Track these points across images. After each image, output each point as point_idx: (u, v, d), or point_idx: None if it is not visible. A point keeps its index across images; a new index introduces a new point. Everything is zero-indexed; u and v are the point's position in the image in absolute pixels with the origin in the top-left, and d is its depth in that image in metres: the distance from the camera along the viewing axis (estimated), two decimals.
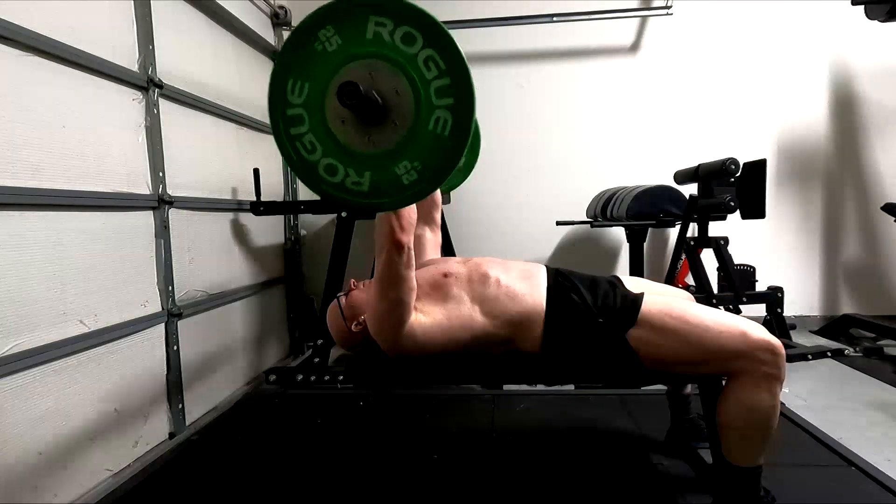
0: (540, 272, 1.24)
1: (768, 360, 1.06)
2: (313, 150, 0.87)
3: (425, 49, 0.79)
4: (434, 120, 0.81)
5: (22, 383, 1.25)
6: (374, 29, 0.80)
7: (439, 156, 0.82)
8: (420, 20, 0.79)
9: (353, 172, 0.86)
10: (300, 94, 0.86)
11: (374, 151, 0.85)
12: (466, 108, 0.80)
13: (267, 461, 1.57)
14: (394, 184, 0.85)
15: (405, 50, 0.80)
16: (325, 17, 0.82)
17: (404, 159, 0.84)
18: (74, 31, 1.45)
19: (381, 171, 0.85)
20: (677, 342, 1.10)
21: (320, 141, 0.86)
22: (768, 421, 1.08)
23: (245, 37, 2.54)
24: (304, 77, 0.85)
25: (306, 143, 0.87)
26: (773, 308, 2.33)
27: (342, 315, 1.28)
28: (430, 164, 0.83)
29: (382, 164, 0.85)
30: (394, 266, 1.01)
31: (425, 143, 0.82)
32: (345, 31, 0.82)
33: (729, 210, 2.08)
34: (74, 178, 1.43)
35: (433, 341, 1.14)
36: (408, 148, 0.83)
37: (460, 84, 0.80)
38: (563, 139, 3.02)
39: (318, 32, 0.82)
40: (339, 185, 0.87)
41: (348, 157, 0.86)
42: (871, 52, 2.86)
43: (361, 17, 0.80)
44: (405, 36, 0.80)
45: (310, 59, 0.84)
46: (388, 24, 0.80)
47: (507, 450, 1.60)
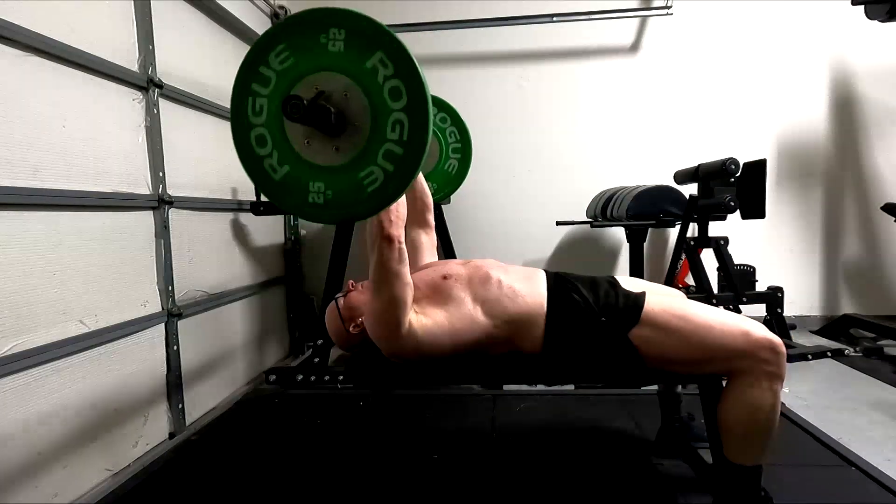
0: (539, 274, 1.25)
1: (770, 359, 1.06)
2: (258, 114, 0.88)
3: (402, 112, 0.81)
4: (367, 172, 0.83)
5: (22, 383, 1.25)
6: (375, 63, 0.82)
7: (349, 203, 0.84)
8: (416, 87, 0.80)
9: (277, 156, 0.87)
10: (282, 62, 0.87)
11: (304, 155, 0.86)
12: (397, 187, 0.82)
13: (267, 461, 1.57)
14: (300, 192, 0.86)
15: (388, 100, 0.82)
16: (346, 21, 0.83)
17: (321, 181, 0.85)
18: (74, 31, 1.45)
19: (298, 173, 0.86)
20: (680, 341, 1.10)
21: (268, 111, 0.87)
22: (769, 420, 1.08)
23: (245, 37, 2.54)
24: (293, 50, 0.86)
25: (257, 103, 0.88)
26: (773, 308, 2.33)
27: (340, 316, 1.28)
28: (339, 202, 0.84)
29: (304, 170, 0.86)
30: (386, 261, 1.00)
31: (348, 183, 0.84)
32: (353, 44, 0.83)
33: (729, 210, 2.07)
34: (74, 178, 1.43)
35: (435, 343, 1.13)
36: (332, 176, 0.85)
37: (408, 167, 0.81)
38: (563, 139, 3.02)
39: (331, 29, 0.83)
40: (260, 158, 0.88)
41: (281, 142, 0.87)
42: (871, 52, 2.86)
43: (375, 46, 0.81)
44: (394, 90, 0.81)
45: (310, 41, 0.85)
46: (389, 68, 0.81)
47: (507, 450, 1.60)
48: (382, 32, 0.82)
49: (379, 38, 0.82)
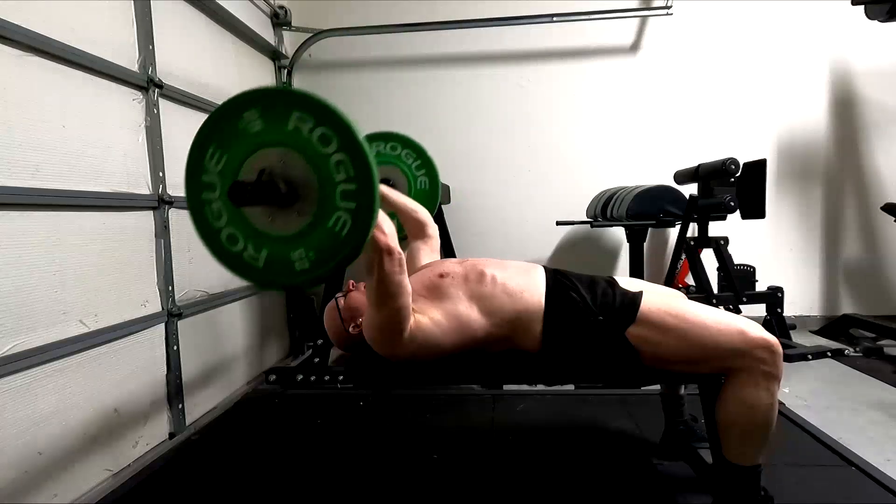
0: (537, 271, 1.24)
1: (766, 358, 1.07)
2: (219, 218, 0.91)
3: (339, 153, 0.83)
4: (335, 218, 0.84)
5: (22, 383, 1.25)
6: (295, 122, 0.84)
7: (333, 252, 0.85)
8: (339, 125, 0.83)
9: (252, 247, 0.90)
10: (218, 162, 0.90)
11: (275, 233, 0.89)
12: (366, 215, 0.83)
13: (267, 461, 1.57)
14: (287, 267, 0.88)
15: (320, 148, 0.84)
16: (253, 100, 0.87)
17: (301, 247, 0.87)
18: (74, 31, 1.45)
19: (277, 252, 0.88)
20: (676, 340, 1.11)
21: (227, 211, 0.90)
22: (767, 419, 1.08)
23: (245, 37, 2.54)
24: (223, 147, 0.90)
25: (215, 210, 0.91)
26: (773, 308, 2.34)
27: (340, 316, 1.28)
28: (324, 257, 0.86)
29: (280, 246, 0.88)
30: (390, 274, 1.00)
31: (322, 237, 0.85)
32: (268, 116, 0.86)
33: (729, 210, 2.08)
34: (74, 178, 1.43)
35: (433, 342, 1.13)
36: (306, 238, 0.86)
37: (364, 193, 0.83)
38: (563, 139, 3.02)
39: (244, 113, 0.87)
40: (237, 255, 0.91)
41: (251, 232, 0.90)
42: (871, 52, 2.86)
43: (286, 108, 0.85)
44: (322, 136, 0.83)
45: (232, 134, 0.88)
46: (308, 120, 0.84)
47: (506, 450, 1.59)
48: (289, 94, 0.87)
49: (289, 99, 0.85)
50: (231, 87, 2.37)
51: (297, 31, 2.97)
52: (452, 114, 3.05)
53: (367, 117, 3.07)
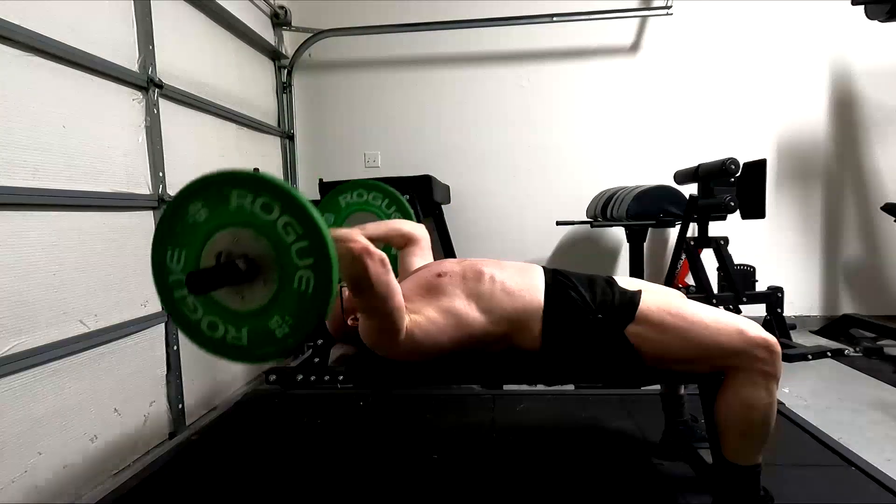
0: (536, 271, 1.24)
1: (765, 357, 1.07)
2: (195, 310, 0.94)
3: (284, 216, 0.86)
4: (298, 279, 0.87)
5: (22, 383, 1.25)
6: (235, 201, 0.88)
7: (307, 309, 0.88)
8: (275, 192, 0.87)
9: (232, 328, 0.92)
10: (179, 261, 0.94)
11: (248, 309, 0.91)
12: (326, 266, 0.86)
13: (267, 461, 1.57)
14: (270, 337, 0.90)
15: (265, 217, 0.87)
16: (194, 192, 0.91)
17: (276, 315, 0.89)
18: (74, 31, 1.45)
19: (256, 326, 0.91)
20: (675, 339, 1.11)
21: (200, 301, 0.94)
22: (766, 419, 1.08)
23: (245, 37, 2.55)
24: (180, 245, 0.94)
25: (189, 304, 0.94)
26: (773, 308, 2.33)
27: (342, 306, 1.28)
28: (300, 317, 0.88)
29: (257, 319, 0.91)
30: (376, 276, 0.99)
31: (292, 299, 0.88)
32: (211, 202, 0.90)
33: (729, 210, 2.08)
34: (74, 178, 1.43)
35: (431, 340, 1.13)
36: (277, 305, 0.89)
37: (317, 246, 0.86)
38: (563, 139, 3.02)
39: (189, 206, 0.91)
40: (221, 340, 0.93)
41: (226, 315, 0.93)
42: (871, 52, 2.86)
43: (223, 190, 0.89)
44: (264, 205, 0.87)
45: (184, 230, 0.93)
46: (247, 195, 0.87)
47: (506, 450, 1.59)
48: (220, 177, 0.89)
49: (224, 182, 0.89)
50: (231, 87, 2.37)
51: (297, 31, 2.97)
52: (452, 114, 3.05)
53: (368, 117, 3.08)
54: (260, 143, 2.68)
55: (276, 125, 2.93)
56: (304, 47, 2.96)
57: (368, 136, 3.09)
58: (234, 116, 2.35)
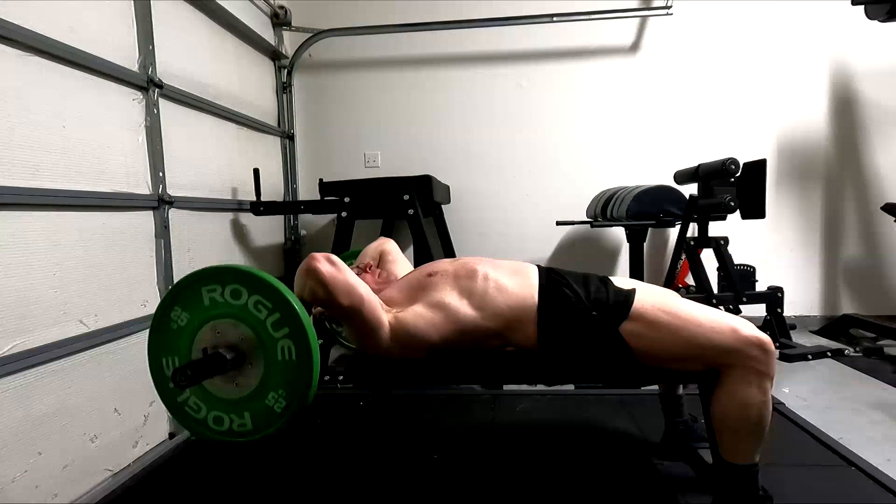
0: (530, 269, 1.25)
1: (758, 356, 1.07)
2: (199, 409, 1.00)
3: (252, 296, 0.94)
4: (280, 350, 0.94)
5: (22, 383, 1.25)
6: (207, 296, 0.95)
7: (296, 378, 0.95)
8: (238, 278, 0.94)
9: (236, 417, 0.99)
10: (173, 366, 0.99)
11: (244, 394, 0.97)
12: (301, 332, 0.93)
13: (267, 461, 1.57)
14: (270, 414, 0.97)
15: (236, 303, 0.95)
16: (171, 300, 0.98)
17: (269, 392, 0.96)
18: (74, 31, 1.45)
19: (256, 408, 0.97)
20: (669, 336, 1.11)
21: (201, 399, 0.99)
22: (760, 417, 1.08)
23: (245, 37, 2.55)
24: (171, 352, 0.99)
25: (192, 405, 1.00)
26: (773, 308, 2.33)
27: None
28: (293, 386, 0.95)
29: (255, 401, 0.97)
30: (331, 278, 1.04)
31: (280, 372, 0.95)
32: (188, 305, 0.97)
33: (729, 210, 2.08)
34: (74, 178, 1.43)
35: (420, 335, 1.13)
36: (269, 382, 0.96)
37: (288, 315, 0.93)
38: (563, 139, 3.02)
39: (171, 314, 0.98)
40: (229, 431, 0.99)
41: (227, 406, 0.99)
42: (871, 52, 2.86)
43: (196, 289, 0.96)
44: (233, 292, 0.94)
45: (171, 336, 0.99)
46: (216, 288, 0.95)
47: (507, 450, 1.59)
48: (188, 279, 0.96)
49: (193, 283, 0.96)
50: (231, 87, 2.37)
51: (297, 31, 2.97)
52: (452, 114, 3.05)
53: (368, 117, 3.08)
54: (260, 143, 2.68)
55: (276, 125, 2.93)
56: (304, 47, 2.96)
57: (368, 136, 3.09)
58: (234, 116, 2.35)
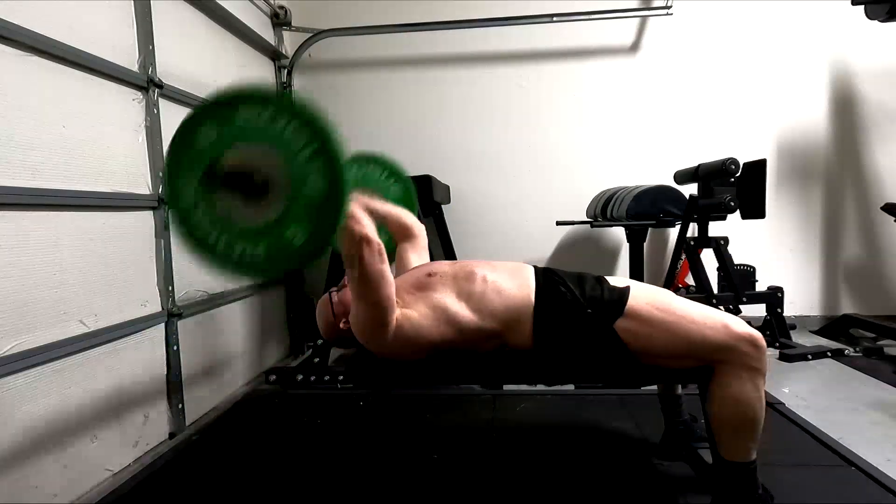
0: (527, 270, 1.26)
1: (750, 352, 1.08)
2: (211, 233, 0.93)
3: (290, 124, 0.88)
4: (310, 185, 0.89)
5: (22, 383, 1.25)
6: (243, 117, 0.89)
7: (321, 216, 0.89)
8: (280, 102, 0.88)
9: (250, 246, 0.92)
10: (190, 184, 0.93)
11: (263, 223, 0.92)
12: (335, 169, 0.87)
13: (267, 461, 1.57)
14: (287, 248, 0.91)
15: (273, 129, 0.88)
16: (201, 116, 0.91)
17: (291, 225, 0.90)
18: (74, 30, 1.45)
19: (273, 239, 0.91)
20: (663, 333, 1.12)
21: (214, 222, 0.93)
22: (754, 413, 1.09)
23: (245, 37, 2.54)
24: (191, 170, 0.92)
25: (204, 227, 0.93)
26: (773, 308, 2.34)
27: (332, 311, 1.29)
28: (315, 224, 0.89)
29: (273, 233, 0.91)
30: (369, 264, 1.02)
31: (306, 207, 0.89)
32: (218, 123, 0.90)
33: (729, 210, 2.08)
34: (74, 178, 1.43)
35: (421, 335, 1.14)
36: (292, 214, 0.90)
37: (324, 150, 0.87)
38: (563, 139, 3.02)
39: (198, 130, 0.91)
40: (241, 258, 0.93)
41: (243, 233, 0.93)
42: (871, 52, 2.86)
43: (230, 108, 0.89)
44: (270, 117, 0.88)
45: (195, 154, 0.92)
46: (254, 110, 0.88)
47: (507, 450, 1.59)
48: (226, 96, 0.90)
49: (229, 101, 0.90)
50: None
51: (297, 31, 2.97)
52: (452, 114, 3.05)
53: (368, 117, 3.08)
54: None
55: None
56: (304, 47, 2.96)
57: (368, 136, 3.09)
58: None
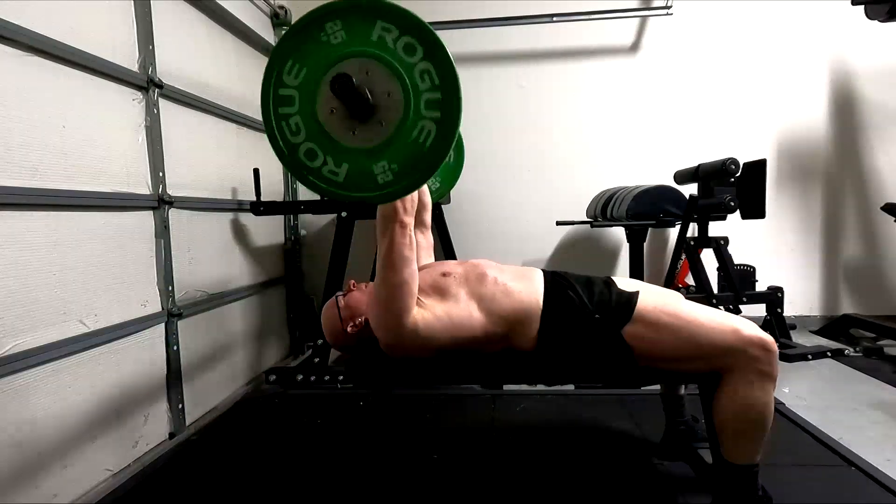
0: (535, 273, 1.26)
1: (761, 356, 1.07)
2: (297, 133, 0.90)
3: (423, 61, 0.84)
4: (419, 129, 0.85)
5: (22, 383, 1.25)
6: (379, 32, 0.84)
7: (417, 163, 0.86)
8: (423, 34, 0.83)
9: (332, 161, 0.89)
10: (296, 76, 0.89)
11: (356, 146, 0.88)
12: (451, 123, 0.84)
13: (267, 461, 1.57)
14: (369, 180, 0.88)
15: (405, 58, 0.84)
16: (336, 12, 0.85)
17: (383, 159, 0.87)
18: (74, 31, 1.45)
19: (359, 166, 0.88)
20: (671, 338, 1.12)
21: (306, 125, 0.89)
22: (763, 418, 1.08)
23: (245, 37, 2.54)
24: (302, 62, 0.88)
25: (292, 124, 0.89)
26: (773, 308, 2.33)
27: (339, 315, 1.29)
28: (407, 169, 0.86)
29: (362, 159, 0.88)
30: (399, 246, 1.03)
31: (406, 148, 0.86)
32: (352, 28, 0.85)
33: (729, 210, 2.08)
34: (74, 178, 1.43)
35: (433, 337, 1.14)
36: (389, 149, 0.86)
37: (450, 101, 0.84)
38: (564, 139, 3.02)
39: (326, 24, 0.86)
40: (317, 170, 0.90)
41: (330, 146, 0.89)
42: (871, 52, 2.86)
43: (370, 18, 0.84)
44: (407, 45, 0.84)
45: (312, 47, 0.87)
46: (393, 30, 0.84)
47: (507, 450, 1.60)
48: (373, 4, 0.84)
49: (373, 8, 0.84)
50: (231, 87, 2.37)
51: None
52: None
53: None
54: (260, 143, 2.68)
55: None
56: None
57: None
58: (234, 116, 2.35)
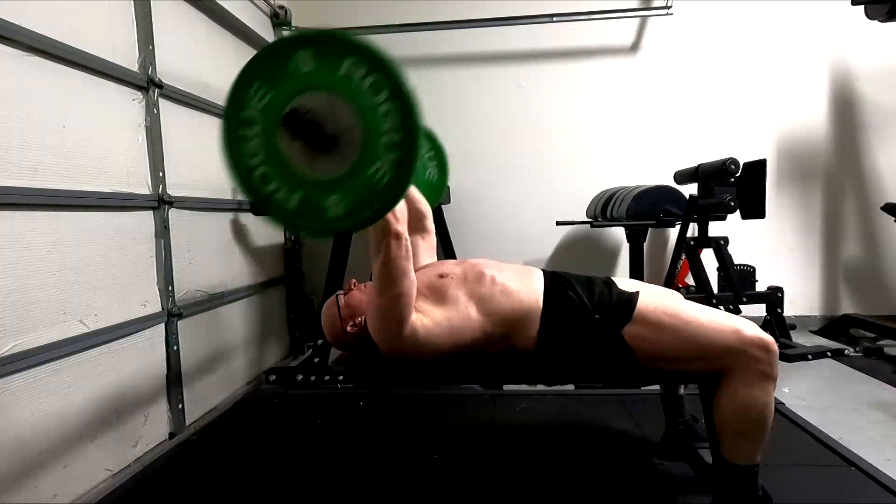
0: (535, 273, 1.26)
1: (761, 357, 1.07)
2: (255, 156, 0.89)
3: (388, 102, 0.84)
4: (375, 169, 0.85)
5: (22, 383, 1.25)
6: (347, 68, 0.85)
7: (368, 202, 0.86)
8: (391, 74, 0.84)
9: (286, 189, 0.89)
10: (261, 99, 0.88)
11: (311, 177, 0.88)
12: (407, 166, 0.84)
13: (267, 461, 1.57)
14: (319, 213, 0.87)
15: (369, 96, 0.85)
16: (309, 42, 0.86)
17: (336, 193, 0.87)
18: (74, 31, 1.45)
19: (311, 196, 0.88)
20: (672, 338, 1.11)
21: (264, 149, 0.89)
22: (763, 418, 1.08)
23: (245, 37, 2.54)
24: (269, 86, 0.88)
25: (251, 146, 0.89)
26: (773, 308, 2.34)
27: (339, 314, 1.29)
28: (361, 206, 0.86)
29: (316, 190, 0.88)
30: (395, 258, 1.02)
31: (360, 185, 0.86)
32: (321, 60, 0.86)
33: (729, 210, 2.08)
34: (74, 178, 1.43)
35: (434, 342, 1.13)
36: (343, 185, 0.86)
37: (408, 144, 0.84)
38: (564, 139, 3.02)
39: (298, 52, 0.86)
40: (268, 196, 0.89)
41: (286, 173, 0.89)
42: (871, 52, 2.86)
43: (340, 53, 0.85)
44: (373, 84, 0.84)
45: (281, 73, 0.87)
46: (361, 68, 0.84)
47: (507, 450, 1.59)
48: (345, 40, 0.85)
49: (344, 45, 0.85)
50: None
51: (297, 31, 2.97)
52: (452, 114, 3.05)
53: None
54: None
55: None
56: None
57: None
58: None
